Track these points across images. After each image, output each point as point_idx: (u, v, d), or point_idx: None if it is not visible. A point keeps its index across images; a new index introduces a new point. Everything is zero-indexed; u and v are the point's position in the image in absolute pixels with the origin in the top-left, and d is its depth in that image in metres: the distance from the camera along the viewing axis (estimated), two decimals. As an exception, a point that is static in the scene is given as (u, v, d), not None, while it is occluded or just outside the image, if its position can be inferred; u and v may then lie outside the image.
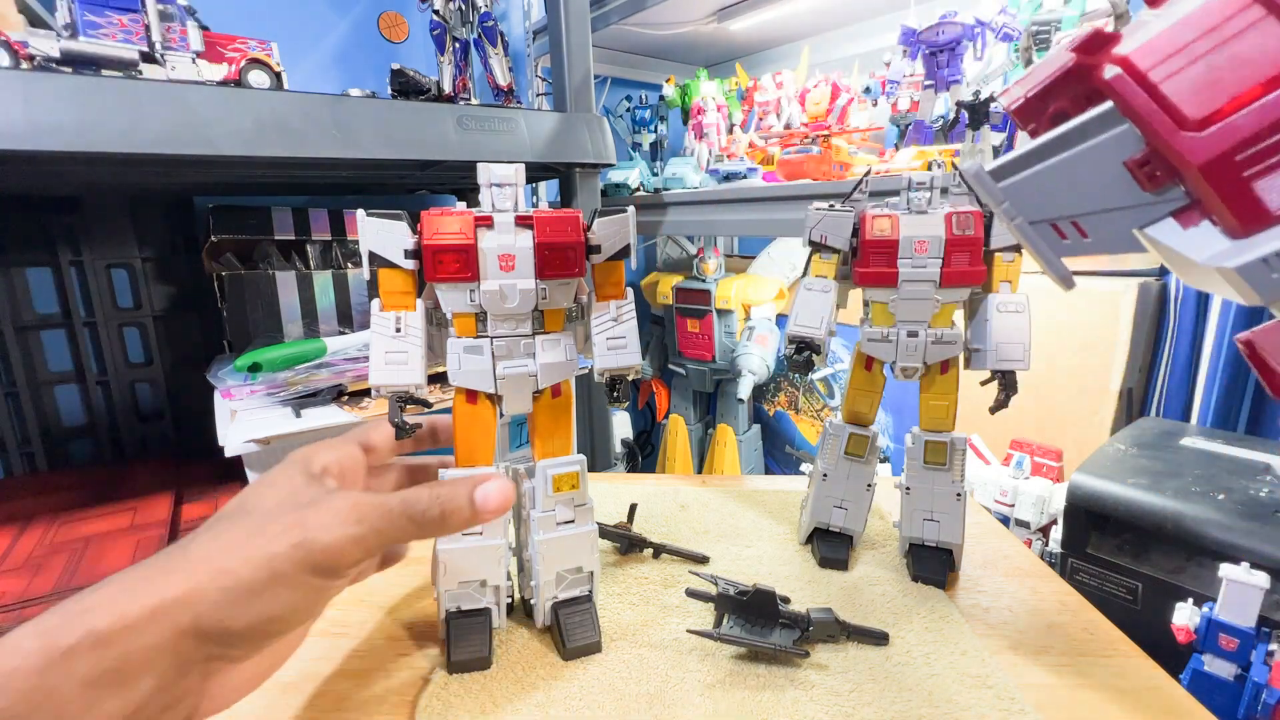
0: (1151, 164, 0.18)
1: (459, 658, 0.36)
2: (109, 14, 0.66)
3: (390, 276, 0.35)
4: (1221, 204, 0.17)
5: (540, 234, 0.35)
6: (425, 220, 0.34)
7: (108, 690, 0.22)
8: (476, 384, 0.36)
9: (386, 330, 0.35)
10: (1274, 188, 0.16)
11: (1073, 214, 0.19)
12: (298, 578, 0.25)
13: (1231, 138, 0.16)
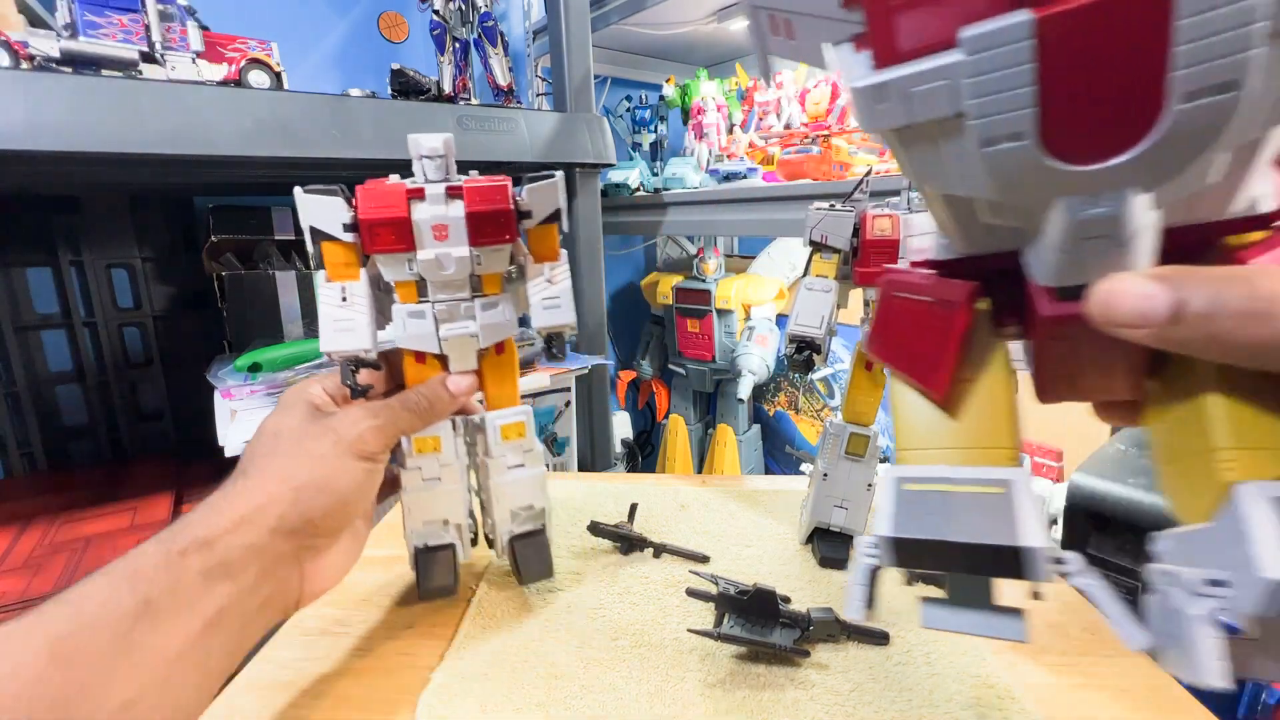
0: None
1: (427, 586, 0.42)
2: (109, 14, 0.66)
3: (332, 249, 0.36)
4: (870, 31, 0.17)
5: (470, 203, 0.36)
6: (360, 194, 0.35)
7: (219, 581, 0.28)
8: (422, 346, 0.39)
9: (334, 300, 0.36)
10: (907, 28, 0.16)
11: (785, 8, 0.19)
12: (345, 463, 0.33)
13: None
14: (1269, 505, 0.17)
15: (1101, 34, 0.14)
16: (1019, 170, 0.16)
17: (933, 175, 0.18)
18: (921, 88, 0.16)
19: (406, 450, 0.40)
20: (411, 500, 0.40)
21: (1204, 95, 0.14)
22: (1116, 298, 0.17)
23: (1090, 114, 0.15)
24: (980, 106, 0.16)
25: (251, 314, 0.95)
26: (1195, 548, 0.19)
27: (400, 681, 0.36)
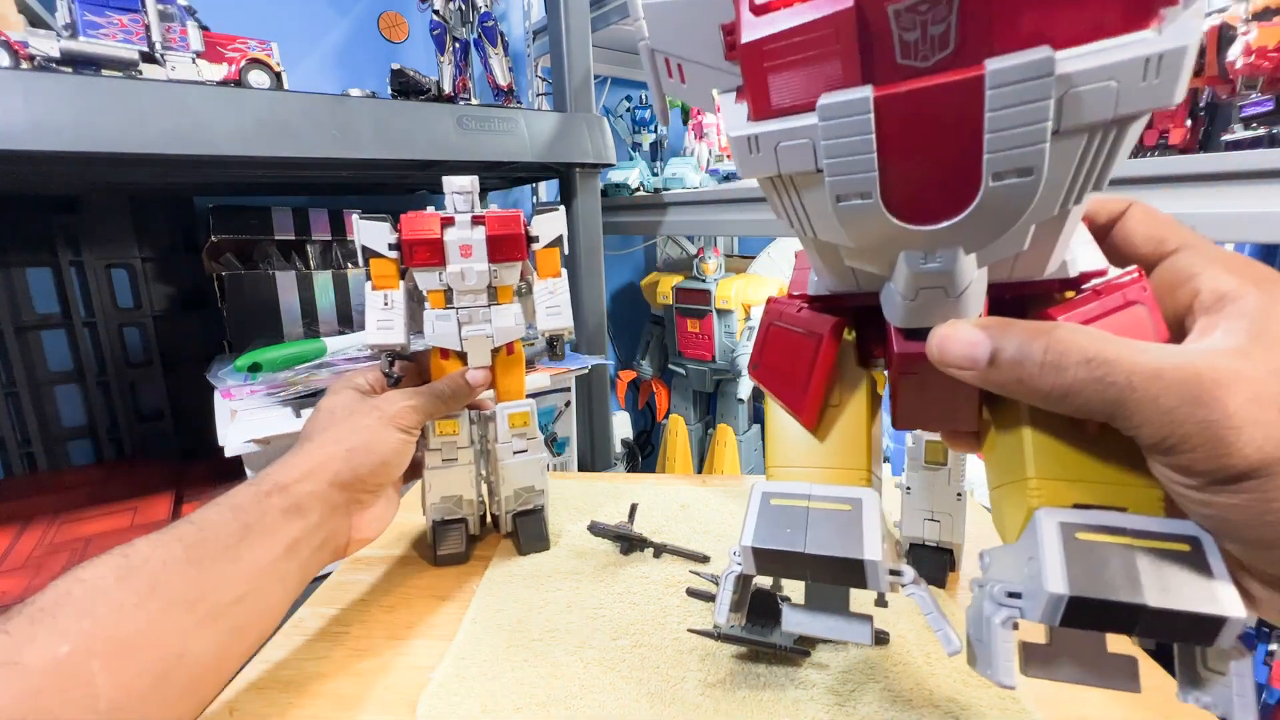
0: (733, 36, 0.19)
1: (443, 553, 0.48)
2: (109, 14, 0.66)
3: (379, 264, 0.46)
4: (746, 87, 0.19)
5: (490, 229, 0.46)
6: (404, 221, 0.45)
7: (294, 517, 0.35)
8: (447, 344, 0.47)
9: (378, 304, 0.46)
10: (780, 86, 0.18)
11: (679, 55, 0.21)
12: (388, 433, 0.40)
13: (769, 28, 0.18)
14: (1057, 529, 0.20)
15: (927, 116, 0.17)
16: (867, 224, 0.19)
17: (801, 222, 0.21)
18: (788, 143, 0.19)
19: (430, 433, 0.47)
20: (432, 476, 0.48)
21: (1009, 177, 0.17)
22: (948, 342, 0.20)
23: (921, 182, 0.18)
24: (832, 166, 0.18)
25: (251, 314, 0.95)
26: (1005, 563, 0.22)
27: (400, 681, 0.36)
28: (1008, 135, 0.16)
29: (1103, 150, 0.17)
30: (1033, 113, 0.16)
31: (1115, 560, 0.19)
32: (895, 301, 0.21)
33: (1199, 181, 0.57)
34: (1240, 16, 0.60)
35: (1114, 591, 0.18)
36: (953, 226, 0.18)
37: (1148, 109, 0.16)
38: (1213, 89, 0.68)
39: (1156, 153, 0.70)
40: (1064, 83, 0.15)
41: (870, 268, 0.22)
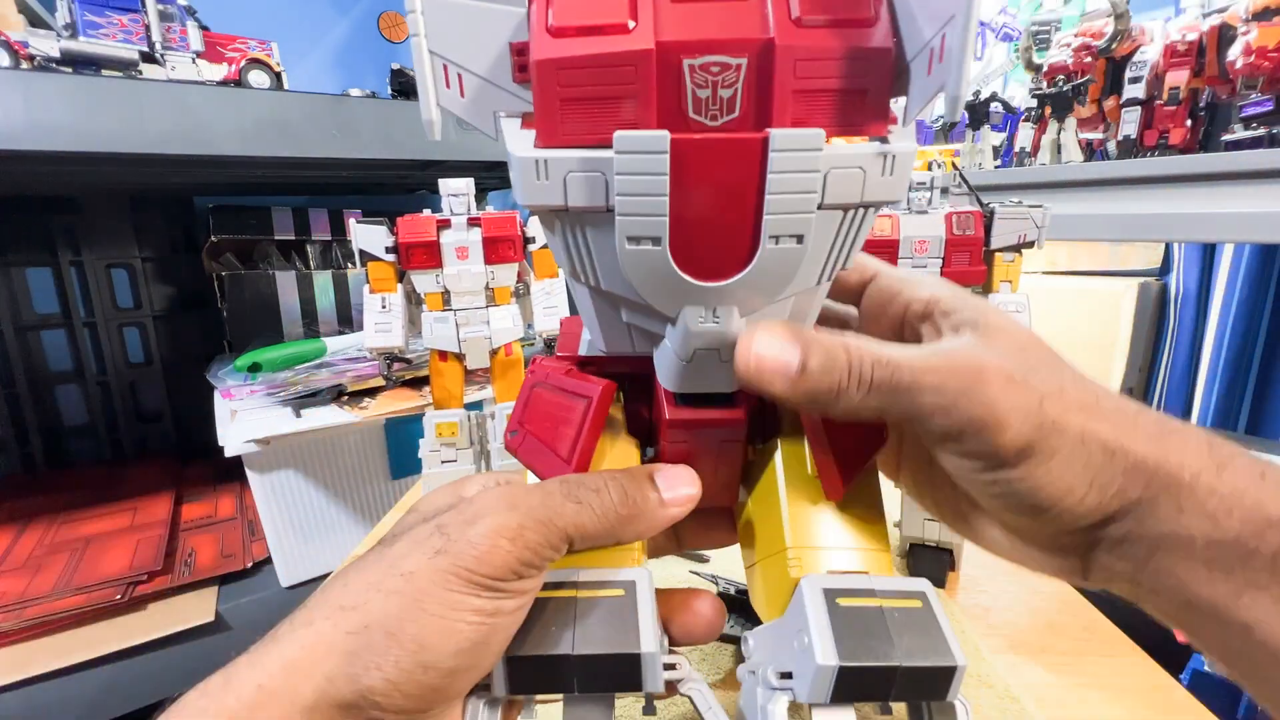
0: (525, 57, 0.18)
1: None
2: (109, 14, 0.66)
3: (377, 267, 0.46)
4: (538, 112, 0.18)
5: (486, 231, 0.46)
6: (400, 224, 0.45)
7: None
8: (444, 345, 0.47)
9: (375, 307, 0.46)
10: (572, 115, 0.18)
11: (460, 64, 0.19)
12: (444, 595, 0.18)
13: (566, 51, 0.17)
14: (822, 598, 0.20)
15: (717, 169, 0.17)
16: (654, 272, 0.19)
17: (586, 268, 0.20)
18: (578, 174, 0.18)
19: (428, 434, 0.47)
20: (431, 478, 0.48)
21: (785, 240, 0.18)
22: (763, 354, 0.19)
23: (706, 237, 0.18)
24: (624, 204, 0.18)
25: (251, 314, 0.95)
26: (770, 642, 0.22)
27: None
28: (785, 199, 0.18)
29: (852, 230, 0.19)
30: (805, 182, 0.17)
31: (873, 623, 0.20)
32: (670, 363, 0.21)
33: (1199, 181, 0.57)
34: (1240, 16, 0.60)
35: (876, 655, 0.19)
36: (732, 285, 0.19)
37: (883, 200, 0.19)
38: (1213, 89, 0.68)
39: (1156, 153, 0.70)
40: (825, 163, 0.18)
41: (649, 325, 0.21)
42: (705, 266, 0.19)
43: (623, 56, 0.17)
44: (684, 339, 0.20)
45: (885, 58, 0.17)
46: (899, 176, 0.18)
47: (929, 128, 1.04)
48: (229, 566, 0.72)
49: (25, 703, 0.58)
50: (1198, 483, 0.18)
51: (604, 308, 0.22)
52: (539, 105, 0.18)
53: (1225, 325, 0.87)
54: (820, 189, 0.18)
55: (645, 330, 0.21)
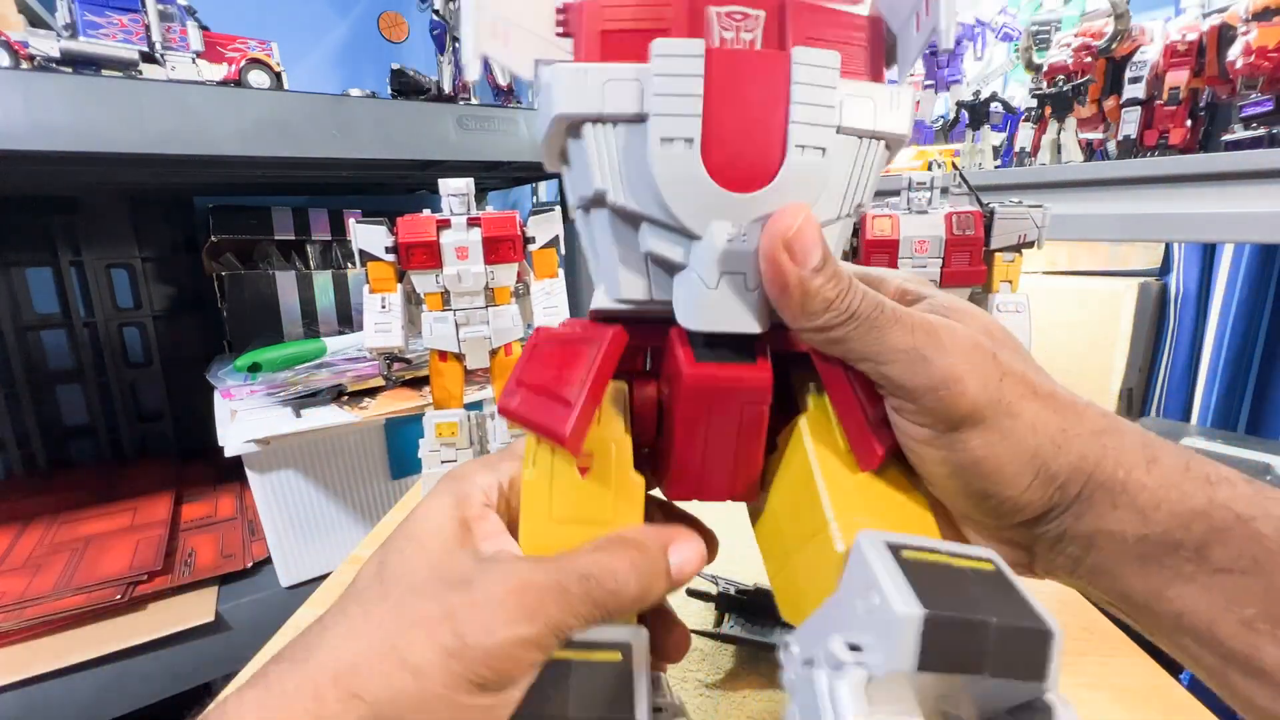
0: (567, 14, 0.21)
1: None
2: (109, 14, 0.66)
3: (376, 267, 0.46)
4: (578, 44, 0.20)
5: (486, 230, 0.45)
6: (400, 224, 0.45)
7: None
8: (444, 345, 0.47)
9: (375, 307, 0.46)
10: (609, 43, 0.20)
11: (508, 18, 0.20)
12: (454, 699, 0.18)
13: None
14: (886, 550, 0.17)
15: (746, 78, 0.19)
16: (683, 177, 0.19)
17: (610, 179, 0.20)
18: (616, 80, 0.19)
19: (428, 434, 0.47)
20: (431, 478, 0.48)
21: (808, 151, 0.19)
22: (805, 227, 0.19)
23: (736, 144, 0.19)
24: (659, 104, 0.19)
25: (251, 314, 0.95)
26: (827, 624, 0.18)
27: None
28: (808, 110, 0.19)
29: (867, 162, 0.20)
30: (826, 95, 0.19)
31: (951, 579, 0.17)
32: (692, 292, 0.20)
33: (1199, 181, 0.57)
34: (1240, 16, 0.60)
35: (965, 609, 0.16)
36: (760, 196, 0.19)
37: (891, 133, 0.20)
38: (1213, 89, 0.68)
39: (1156, 153, 0.70)
40: (840, 89, 0.19)
41: (671, 251, 0.20)
42: (735, 175, 0.19)
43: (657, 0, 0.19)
44: (710, 257, 0.19)
45: (877, 25, 0.20)
46: (903, 113, 0.20)
47: (929, 128, 1.04)
48: (229, 566, 0.72)
49: (25, 703, 0.58)
50: (1130, 479, 0.19)
51: (623, 235, 0.21)
52: (580, 40, 0.20)
53: (1225, 325, 0.87)
54: (838, 109, 0.19)
55: (663, 263, 0.21)
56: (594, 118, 0.19)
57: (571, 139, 0.20)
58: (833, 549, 0.19)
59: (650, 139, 0.19)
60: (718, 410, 0.21)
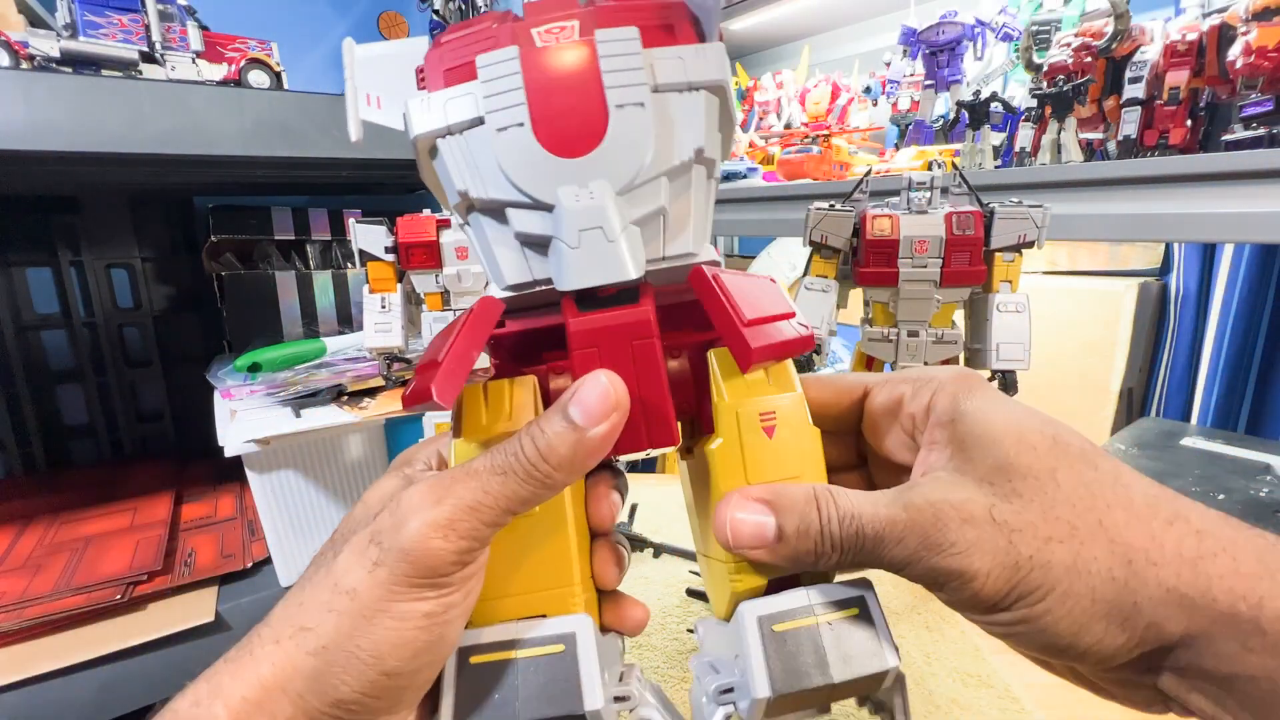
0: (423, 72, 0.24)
1: None
2: (109, 14, 0.66)
3: (376, 267, 0.47)
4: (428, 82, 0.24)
5: None
6: (400, 224, 0.46)
7: None
8: None
9: (375, 307, 0.47)
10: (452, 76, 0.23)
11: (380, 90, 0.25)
12: (390, 607, 0.19)
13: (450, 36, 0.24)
14: (757, 628, 0.21)
15: (559, 66, 0.22)
16: (524, 156, 0.21)
17: (471, 180, 0.22)
18: (454, 98, 0.22)
19: (427, 434, 0.46)
20: None
21: (628, 107, 0.21)
22: (739, 523, 0.20)
23: (562, 120, 0.21)
24: (491, 103, 0.22)
25: (251, 314, 0.95)
26: (717, 640, 0.24)
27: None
28: (619, 75, 0.21)
29: (694, 108, 0.22)
30: (632, 61, 0.21)
31: (806, 645, 0.20)
32: (561, 257, 0.21)
33: (1199, 181, 0.57)
34: (1240, 16, 0.60)
35: (809, 679, 0.20)
36: (595, 156, 0.21)
37: (708, 81, 0.22)
38: (1213, 89, 0.68)
39: (1156, 153, 0.70)
40: (648, 58, 0.22)
41: (537, 227, 0.22)
42: (567, 143, 0.21)
43: (485, 31, 0.23)
44: (565, 220, 0.21)
45: (679, 9, 0.23)
46: (711, 61, 0.22)
47: (929, 128, 1.04)
48: (229, 566, 0.72)
49: (25, 703, 0.58)
50: (1262, 613, 0.15)
51: (495, 229, 0.23)
52: (429, 82, 0.23)
53: (1225, 325, 0.87)
54: (649, 70, 0.22)
55: (534, 242, 0.22)
56: (443, 132, 0.22)
57: (434, 160, 0.23)
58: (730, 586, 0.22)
59: (490, 133, 0.22)
60: (608, 353, 0.22)
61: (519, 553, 0.22)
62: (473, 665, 0.21)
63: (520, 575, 0.22)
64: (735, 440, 0.22)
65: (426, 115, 0.22)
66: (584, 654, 0.20)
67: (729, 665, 0.22)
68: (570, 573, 0.22)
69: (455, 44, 0.23)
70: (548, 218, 0.21)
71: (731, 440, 0.22)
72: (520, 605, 0.22)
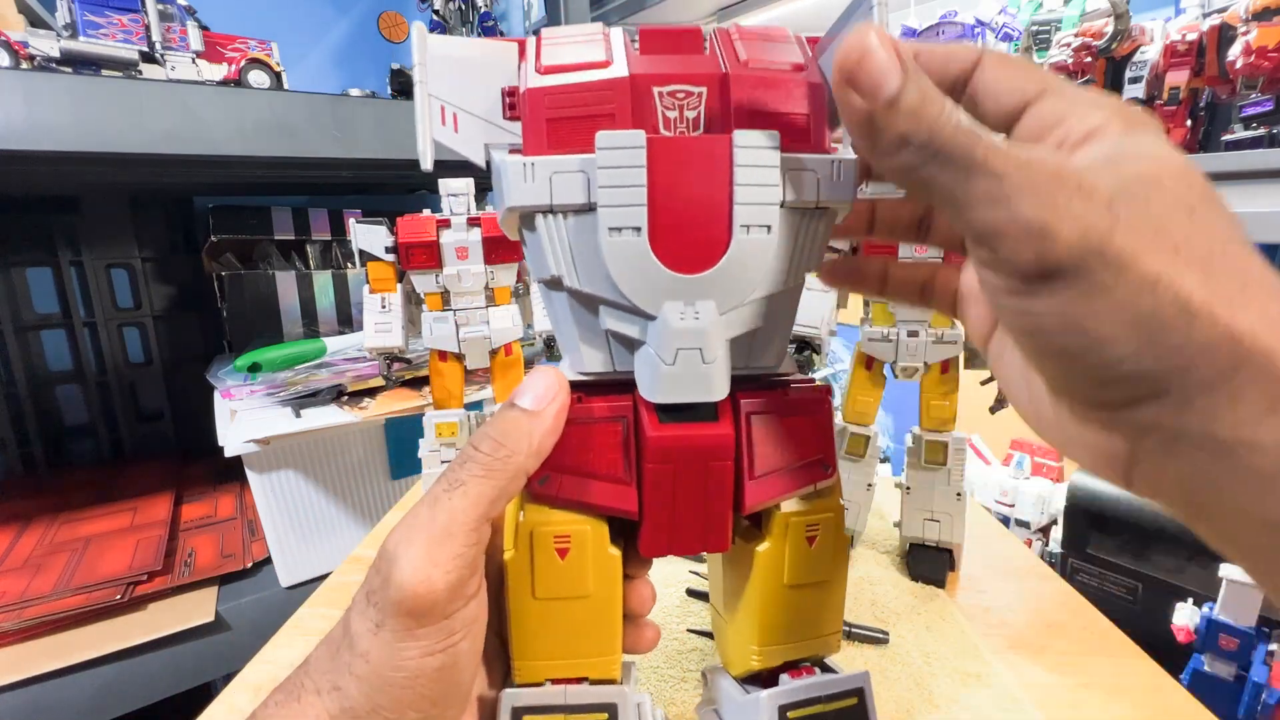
0: (515, 98, 0.21)
1: None
2: (109, 14, 0.66)
3: (376, 267, 0.46)
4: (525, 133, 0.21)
5: (486, 230, 0.45)
6: (400, 224, 0.45)
7: None
8: (444, 345, 0.47)
9: (375, 307, 0.46)
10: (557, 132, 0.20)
11: (456, 105, 0.22)
12: (399, 661, 0.20)
13: (554, 81, 0.20)
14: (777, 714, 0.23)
15: (688, 164, 0.20)
16: (634, 263, 0.20)
17: (568, 266, 0.21)
18: (562, 173, 0.20)
19: (428, 434, 0.47)
20: (430, 478, 0.48)
21: (754, 230, 0.20)
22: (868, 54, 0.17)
23: (683, 229, 0.20)
24: (606, 195, 0.20)
25: (251, 314, 0.95)
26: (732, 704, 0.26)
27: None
28: (751, 190, 0.20)
29: (813, 231, 0.21)
30: (768, 175, 0.20)
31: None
32: (651, 368, 0.21)
33: (1199, 181, 0.57)
34: (1240, 16, 0.60)
35: None
36: (709, 277, 0.20)
37: (836, 201, 0.21)
38: (1213, 89, 0.68)
39: (1156, 153, 0.70)
40: (783, 165, 0.20)
41: (628, 329, 0.21)
42: (683, 258, 0.20)
43: (603, 84, 0.20)
44: (665, 337, 0.20)
45: (818, 91, 0.21)
46: (846, 181, 0.21)
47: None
48: (229, 566, 0.72)
49: (25, 703, 0.58)
50: None
51: (582, 316, 0.22)
52: (527, 127, 0.21)
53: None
54: (782, 185, 0.20)
55: (623, 339, 0.22)
56: (544, 209, 0.20)
57: (525, 228, 0.21)
58: (747, 658, 0.25)
59: (600, 229, 0.20)
60: (682, 468, 0.22)
61: (571, 622, 0.23)
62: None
63: (569, 642, 0.24)
64: (781, 545, 0.24)
65: (529, 187, 0.20)
66: None
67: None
68: (614, 644, 0.24)
69: (565, 87, 0.20)
70: (644, 324, 0.21)
71: (778, 545, 0.24)
72: (567, 667, 0.24)
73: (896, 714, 0.34)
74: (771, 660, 0.25)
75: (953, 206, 0.17)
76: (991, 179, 0.16)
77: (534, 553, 0.23)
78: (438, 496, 0.21)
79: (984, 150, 0.16)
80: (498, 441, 0.21)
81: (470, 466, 0.21)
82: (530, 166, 0.20)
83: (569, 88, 0.20)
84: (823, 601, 0.25)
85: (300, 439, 0.72)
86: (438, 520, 0.20)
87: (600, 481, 0.22)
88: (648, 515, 0.23)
